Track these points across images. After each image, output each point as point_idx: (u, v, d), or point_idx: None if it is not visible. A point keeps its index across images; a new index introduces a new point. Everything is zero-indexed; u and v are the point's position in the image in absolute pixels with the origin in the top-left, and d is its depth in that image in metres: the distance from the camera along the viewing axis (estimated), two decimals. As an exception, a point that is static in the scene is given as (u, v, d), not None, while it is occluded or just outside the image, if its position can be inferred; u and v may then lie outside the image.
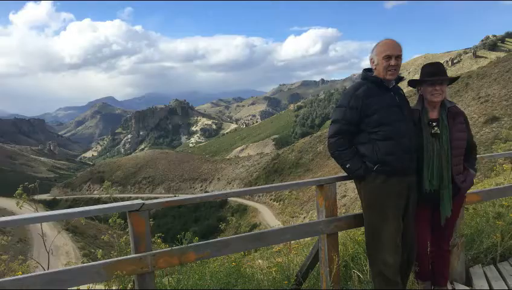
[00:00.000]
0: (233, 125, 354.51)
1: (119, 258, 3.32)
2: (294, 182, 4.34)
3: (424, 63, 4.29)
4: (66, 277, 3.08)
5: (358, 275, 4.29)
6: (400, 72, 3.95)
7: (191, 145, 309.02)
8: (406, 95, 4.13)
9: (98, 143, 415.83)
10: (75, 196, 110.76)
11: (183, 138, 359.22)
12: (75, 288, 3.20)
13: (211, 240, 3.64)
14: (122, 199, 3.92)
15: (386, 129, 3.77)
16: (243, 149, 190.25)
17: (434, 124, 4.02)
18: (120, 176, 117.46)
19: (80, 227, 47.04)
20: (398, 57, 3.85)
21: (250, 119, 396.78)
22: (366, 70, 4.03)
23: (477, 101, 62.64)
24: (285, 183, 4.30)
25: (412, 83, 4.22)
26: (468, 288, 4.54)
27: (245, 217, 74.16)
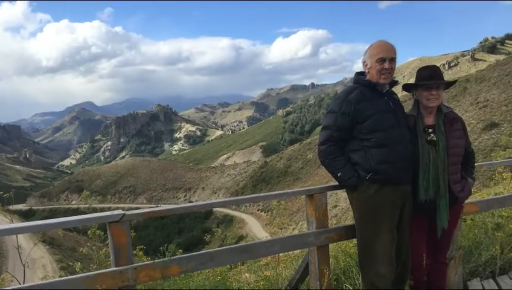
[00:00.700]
0: (219, 132, 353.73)
1: (99, 271, 3.27)
2: (282, 191, 4.24)
3: (420, 66, 4.28)
4: (42, 291, 3.03)
5: (350, 290, 4.28)
6: (394, 75, 3.91)
7: (174, 152, 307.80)
8: (400, 100, 4.11)
9: (77, 150, 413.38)
10: (52, 206, 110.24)
11: (166, 145, 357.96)
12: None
13: (195, 253, 3.58)
14: (102, 210, 3.91)
15: (380, 136, 3.74)
16: (229, 157, 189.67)
17: (430, 130, 3.98)
18: (100, 185, 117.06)
19: (57, 239, 46.45)
20: (392, 60, 3.83)
21: (237, 125, 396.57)
22: (359, 73, 4.00)
23: (475, 106, 62.70)
24: (274, 192, 4.26)
25: (406, 87, 4.15)
26: (465, 302, 4.54)
27: (231, 229, 74.05)
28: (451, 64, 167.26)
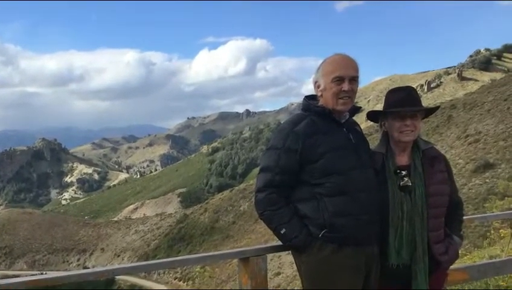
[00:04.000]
0: (124, 175, 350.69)
1: None
2: (208, 253, 4.21)
3: (390, 88, 4.17)
4: None
5: None
6: (356, 100, 3.84)
7: (64, 202, 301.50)
8: (364, 132, 4.03)
9: None
10: None
11: (54, 193, 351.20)
12: None
13: None
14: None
15: (337, 180, 3.58)
16: (136, 208, 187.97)
17: (404, 173, 3.82)
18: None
19: None
20: (353, 80, 3.72)
21: (147, 166, 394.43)
22: (309, 97, 3.90)
23: (463, 140, 59.63)
24: (196, 255, 4.16)
25: (372, 115, 4.05)
26: None
27: (140, 304, 73.32)
28: (432, 85, 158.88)
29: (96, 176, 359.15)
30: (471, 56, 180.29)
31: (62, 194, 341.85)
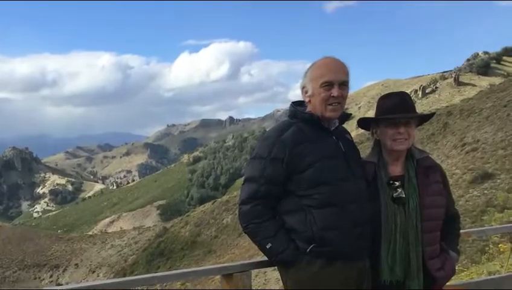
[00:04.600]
0: (99, 186, 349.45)
1: None
2: (189, 269, 4.10)
3: (382, 94, 4.19)
4: None
5: None
6: (346, 106, 3.80)
7: (36, 215, 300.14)
8: (355, 140, 4.03)
9: None
10: None
11: (25, 205, 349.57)
12: None
13: None
14: None
15: (326, 191, 3.55)
16: (113, 221, 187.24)
17: (397, 183, 3.80)
18: None
19: None
20: (344, 85, 3.69)
21: (124, 176, 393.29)
22: (296, 104, 3.88)
23: (460, 149, 58.08)
24: (176, 271, 4.12)
25: (363, 122, 4.04)
26: None
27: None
28: (427, 91, 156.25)
29: (70, 187, 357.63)
30: (468, 60, 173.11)
31: (34, 206, 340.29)
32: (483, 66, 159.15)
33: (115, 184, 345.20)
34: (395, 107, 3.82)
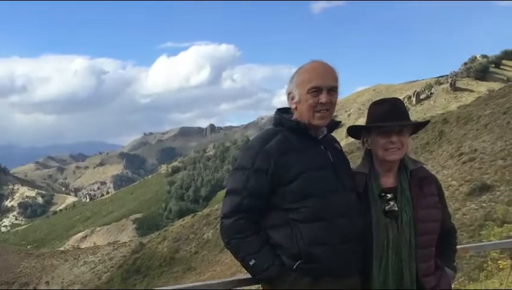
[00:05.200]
0: (71, 198, 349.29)
1: None
2: (167, 287, 4.04)
3: (374, 100, 4.09)
4: None
5: None
6: (335, 113, 3.78)
7: (4, 229, 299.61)
8: (344, 149, 4.00)
9: None
10: None
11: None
12: None
13: None
14: None
15: (313, 205, 3.49)
16: (86, 236, 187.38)
17: (389, 196, 3.72)
18: None
19: None
20: (332, 90, 3.64)
21: (98, 188, 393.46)
22: (282, 111, 3.83)
23: (457, 159, 58.13)
24: (154, 289, 4.13)
25: (354, 131, 4.00)
26: None
27: None
28: (421, 97, 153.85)
29: (40, 200, 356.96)
30: (465, 63, 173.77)
31: (1, 220, 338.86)
32: (482, 71, 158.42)
33: (88, 197, 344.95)
34: (387, 115, 3.75)
